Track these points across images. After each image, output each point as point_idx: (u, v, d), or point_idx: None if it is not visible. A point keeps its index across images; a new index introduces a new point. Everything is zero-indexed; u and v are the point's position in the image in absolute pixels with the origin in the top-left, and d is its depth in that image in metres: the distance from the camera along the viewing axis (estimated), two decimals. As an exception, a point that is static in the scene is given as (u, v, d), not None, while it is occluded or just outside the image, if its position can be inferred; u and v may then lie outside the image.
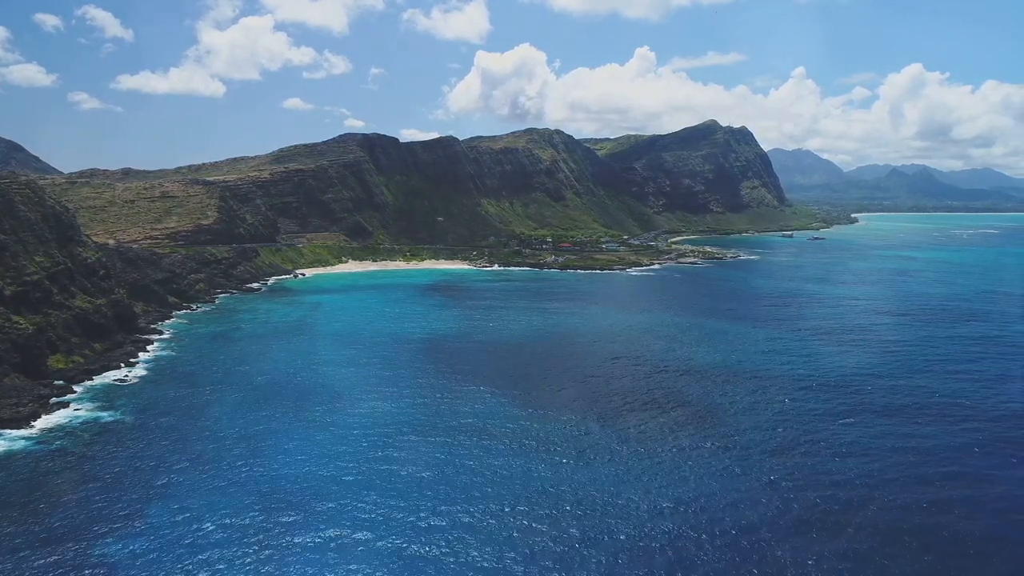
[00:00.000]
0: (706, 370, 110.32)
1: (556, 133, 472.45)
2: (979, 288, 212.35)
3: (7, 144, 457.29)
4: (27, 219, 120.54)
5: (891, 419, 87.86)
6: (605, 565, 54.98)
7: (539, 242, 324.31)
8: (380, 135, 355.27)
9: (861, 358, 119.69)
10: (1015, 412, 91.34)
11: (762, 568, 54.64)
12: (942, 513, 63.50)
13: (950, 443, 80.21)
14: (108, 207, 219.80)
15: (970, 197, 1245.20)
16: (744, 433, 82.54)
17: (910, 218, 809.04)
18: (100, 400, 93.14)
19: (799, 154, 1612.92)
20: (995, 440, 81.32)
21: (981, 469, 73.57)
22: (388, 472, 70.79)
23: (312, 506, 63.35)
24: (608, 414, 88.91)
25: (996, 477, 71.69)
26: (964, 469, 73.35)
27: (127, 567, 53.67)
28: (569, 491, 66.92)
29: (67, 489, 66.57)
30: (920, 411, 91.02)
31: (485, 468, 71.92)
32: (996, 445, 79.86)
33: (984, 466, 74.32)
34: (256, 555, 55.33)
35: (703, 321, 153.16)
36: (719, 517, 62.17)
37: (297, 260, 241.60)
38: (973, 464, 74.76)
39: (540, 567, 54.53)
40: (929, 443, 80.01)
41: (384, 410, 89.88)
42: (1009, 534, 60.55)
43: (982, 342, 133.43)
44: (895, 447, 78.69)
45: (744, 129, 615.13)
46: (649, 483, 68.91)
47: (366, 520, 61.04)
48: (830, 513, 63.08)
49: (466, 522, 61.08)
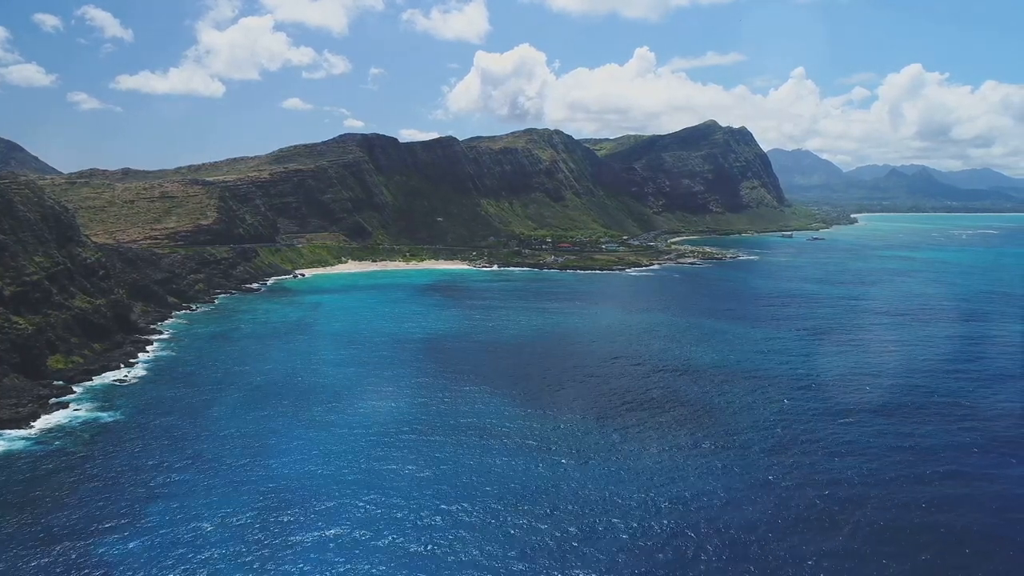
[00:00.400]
0: (705, 369, 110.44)
1: (556, 133, 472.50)
2: (977, 288, 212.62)
3: (6, 144, 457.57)
4: (26, 219, 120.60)
5: (889, 418, 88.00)
6: (605, 563, 55.06)
7: (539, 242, 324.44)
8: (379, 135, 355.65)
9: (859, 357, 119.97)
10: (1013, 411, 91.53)
11: (760, 566, 54.74)
12: (940, 512, 63.62)
13: (948, 442, 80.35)
14: (108, 207, 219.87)
15: (969, 197, 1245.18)
16: (743, 432, 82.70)
17: (909, 218, 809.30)
18: (99, 400, 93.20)
19: (798, 154, 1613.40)
20: (993, 439, 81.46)
21: (979, 468, 73.68)
22: (388, 471, 70.87)
23: (312, 505, 63.45)
24: (608, 413, 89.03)
25: (994, 476, 71.82)
26: (962, 468, 73.46)
27: (126, 566, 53.73)
28: (568, 490, 67.01)
29: (66, 489, 66.65)
30: (918, 410, 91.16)
31: (485, 467, 72.01)
32: (994, 444, 79.98)
33: (982, 465, 74.43)
34: (255, 554, 55.40)
35: (702, 321, 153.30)
36: (717, 515, 62.28)
37: (297, 260, 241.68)
38: (971, 463, 74.88)
39: (540, 565, 54.61)
40: (927, 442, 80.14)
41: (384, 409, 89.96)
42: (1007, 533, 60.66)
43: (980, 342, 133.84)
44: (893, 446, 78.83)
45: (744, 129, 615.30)
46: (648, 481, 68.99)
47: (366, 519, 61.14)
48: (828, 512, 63.17)
49: (466, 520, 61.18)
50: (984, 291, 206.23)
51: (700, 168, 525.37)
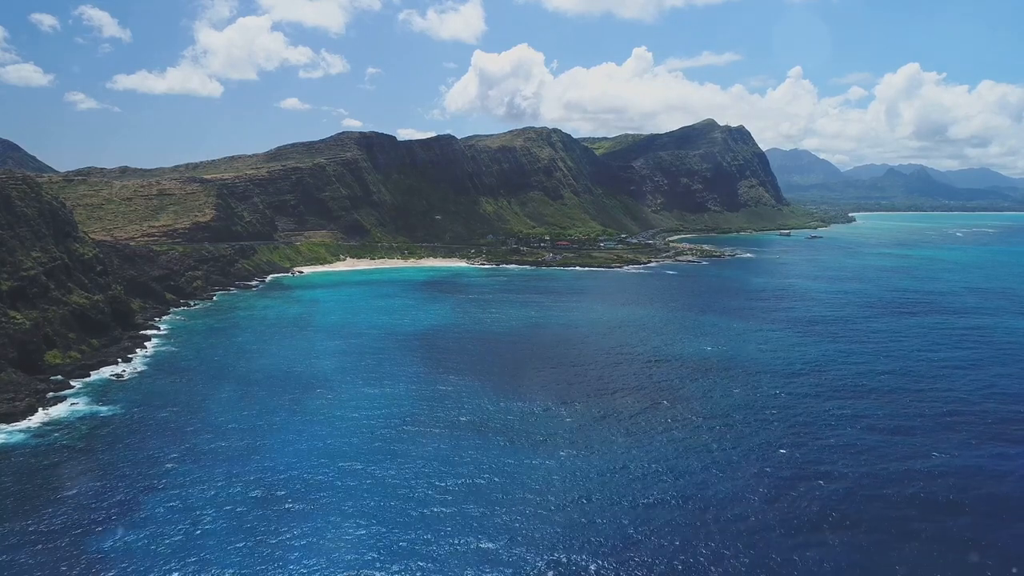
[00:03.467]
0: (701, 362, 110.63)
1: (554, 132, 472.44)
2: (974, 285, 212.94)
3: (4, 144, 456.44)
4: (23, 214, 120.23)
5: (885, 412, 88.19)
6: (604, 556, 55.01)
7: (537, 240, 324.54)
8: (378, 133, 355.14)
9: (856, 350, 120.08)
10: (1009, 407, 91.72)
11: (753, 556, 54.74)
12: (933, 504, 63.65)
13: (945, 436, 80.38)
14: (105, 205, 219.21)
15: (967, 196, 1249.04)
16: (739, 424, 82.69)
17: (907, 217, 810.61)
18: (97, 395, 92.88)
19: (796, 154, 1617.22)
20: (986, 432, 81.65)
21: (971, 459, 73.67)
22: (387, 464, 70.64)
23: (310, 498, 63.20)
24: (607, 407, 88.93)
25: (988, 468, 71.84)
26: (955, 459, 73.44)
27: (123, 559, 53.45)
28: (572, 480, 66.96)
29: (63, 482, 66.35)
30: (915, 404, 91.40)
31: (483, 459, 71.81)
32: (986, 436, 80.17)
33: (975, 455, 74.48)
34: (253, 547, 55.16)
35: (699, 316, 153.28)
36: (712, 505, 62.23)
37: (294, 258, 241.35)
38: (964, 453, 74.86)
39: (539, 554, 54.50)
40: (923, 436, 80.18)
41: (382, 403, 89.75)
42: (996, 523, 60.62)
43: (974, 334, 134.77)
44: (886, 438, 78.87)
45: (742, 128, 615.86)
46: (646, 472, 68.98)
47: (365, 512, 60.89)
48: (824, 504, 63.18)
49: (466, 511, 60.95)
50: (980, 288, 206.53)
51: (698, 167, 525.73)
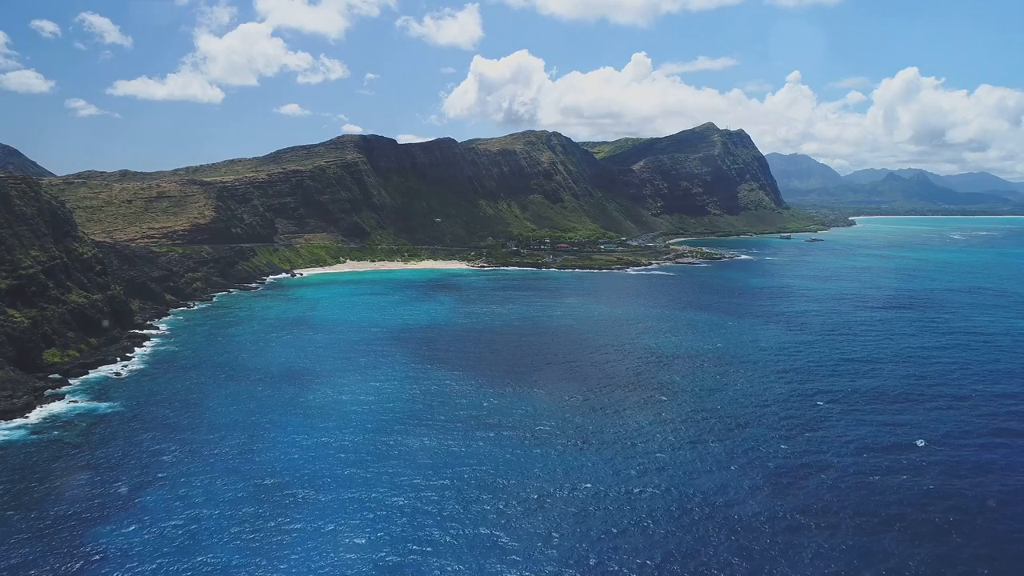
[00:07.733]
0: (701, 359, 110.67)
1: (554, 135, 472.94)
2: (973, 285, 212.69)
3: (4, 149, 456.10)
4: (23, 213, 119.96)
5: (881, 406, 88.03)
6: (601, 548, 54.55)
7: (537, 243, 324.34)
8: (378, 136, 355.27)
9: (853, 346, 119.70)
10: (998, 400, 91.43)
11: (747, 547, 54.29)
12: (928, 500, 63.22)
13: (941, 431, 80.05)
14: (105, 207, 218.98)
15: (966, 201, 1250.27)
16: (735, 418, 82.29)
17: (907, 221, 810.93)
18: (96, 392, 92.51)
19: (796, 159, 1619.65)
20: (987, 427, 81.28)
21: (967, 455, 73.28)
22: (386, 460, 70.21)
23: (309, 494, 62.76)
24: (605, 401, 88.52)
25: (984, 463, 71.42)
26: (950, 456, 73.03)
27: (122, 555, 52.96)
28: (578, 474, 66.53)
29: (61, 478, 65.97)
30: (911, 398, 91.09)
31: (484, 455, 71.38)
32: (986, 432, 79.81)
33: (972, 451, 74.09)
34: (252, 542, 54.67)
35: (698, 315, 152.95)
36: (709, 499, 61.84)
37: (294, 260, 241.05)
38: (959, 451, 74.48)
39: (538, 548, 54.03)
40: (921, 430, 79.76)
41: (381, 401, 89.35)
42: (993, 516, 60.18)
43: (967, 331, 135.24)
44: (884, 433, 78.53)
45: (741, 132, 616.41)
46: (645, 466, 68.55)
47: (364, 507, 60.49)
48: (814, 494, 62.81)
49: (466, 505, 60.60)
50: (976, 287, 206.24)
51: (698, 170, 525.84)
